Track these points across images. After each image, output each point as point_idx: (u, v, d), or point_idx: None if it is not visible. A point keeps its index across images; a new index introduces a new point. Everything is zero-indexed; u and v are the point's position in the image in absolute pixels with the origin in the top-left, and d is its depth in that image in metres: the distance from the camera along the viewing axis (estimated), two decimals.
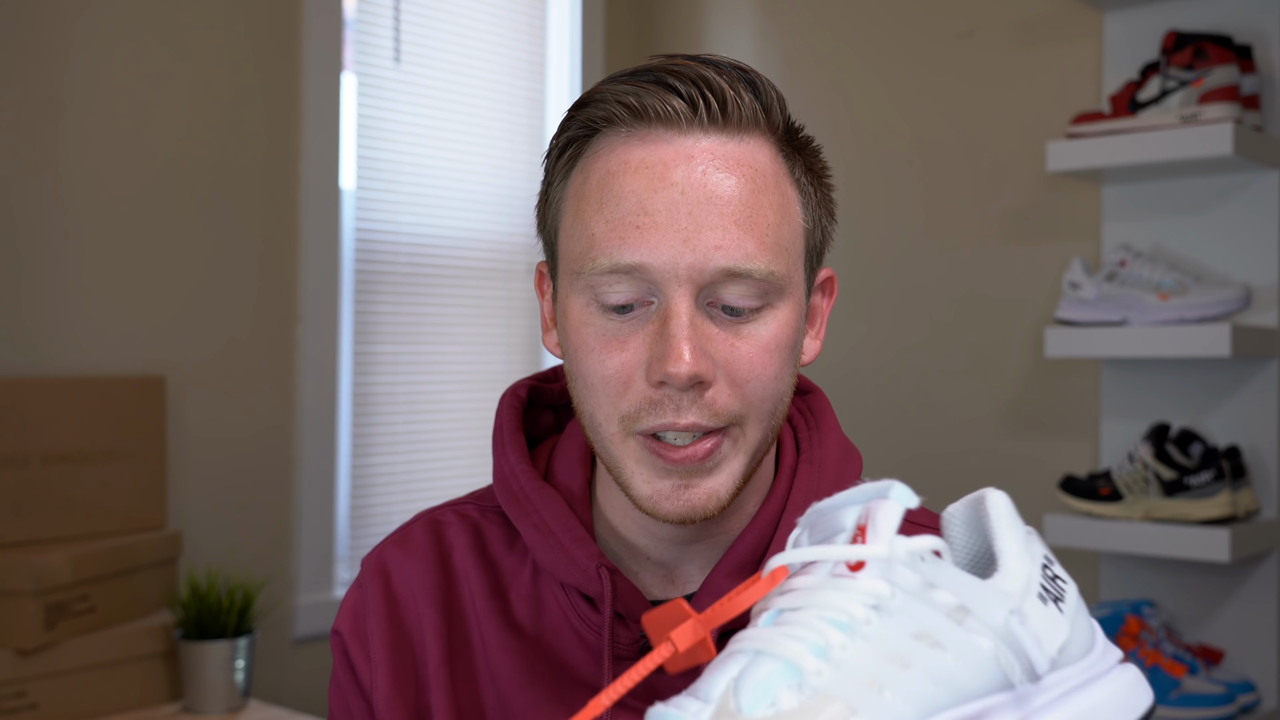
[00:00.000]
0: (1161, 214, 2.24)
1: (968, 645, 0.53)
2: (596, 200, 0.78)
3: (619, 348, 0.77)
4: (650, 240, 0.75)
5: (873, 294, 2.69)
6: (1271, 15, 2.13)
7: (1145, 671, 2.03)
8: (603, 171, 0.78)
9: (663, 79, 0.77)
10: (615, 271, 0.76)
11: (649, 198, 0.76)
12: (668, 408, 0.76)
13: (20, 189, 2.03)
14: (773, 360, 0.78)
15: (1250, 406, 2.14)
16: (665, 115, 0.76)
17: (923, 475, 2.56)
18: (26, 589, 1.70)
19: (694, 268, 0.75)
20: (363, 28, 2.57)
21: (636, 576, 0.86)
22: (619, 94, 0.77)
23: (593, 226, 0.77)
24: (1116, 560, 2.27)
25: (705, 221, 0.75)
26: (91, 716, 1.80)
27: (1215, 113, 1.99)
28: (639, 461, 0.78)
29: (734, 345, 0.77)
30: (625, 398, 0.77)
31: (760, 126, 0.79)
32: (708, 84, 0.77)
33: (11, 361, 2.01)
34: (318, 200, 2.44)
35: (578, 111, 0.80)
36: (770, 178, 0.79)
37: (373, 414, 2.59)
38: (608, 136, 0.79)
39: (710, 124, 0.77)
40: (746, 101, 0.78)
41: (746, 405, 0.78)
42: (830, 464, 0.87)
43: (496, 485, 0.89)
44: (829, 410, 0.92)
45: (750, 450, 0.80)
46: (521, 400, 0.92)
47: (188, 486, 2.23)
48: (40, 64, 2.05)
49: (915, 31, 2.65)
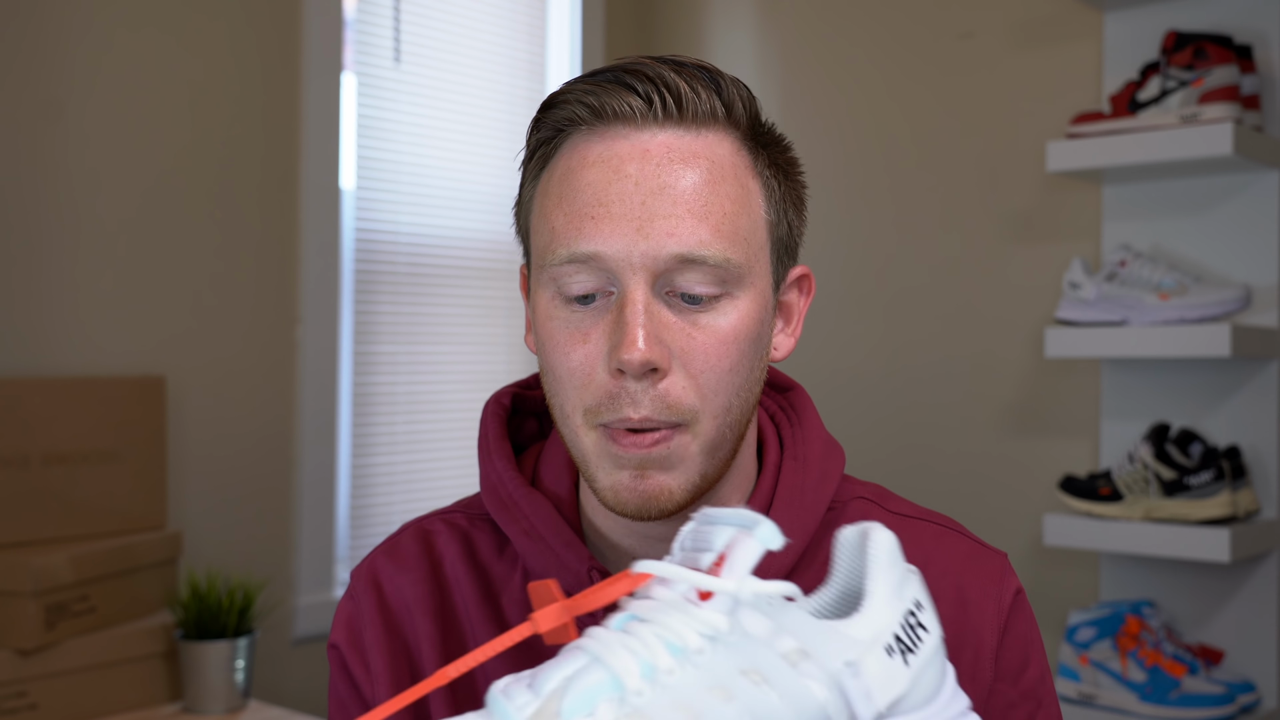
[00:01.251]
0: (1161, 214, 2.24)
1: (798, 688, 0.54)
2: (557, 195, 0.80)
3: (582, 340, 0.78)
4: (605, 229, 0.77)
5: (872, 294, 2.69)
6: (1271, 15, 2.13)
7: (1145, 672, 2.03)
8: (564, 168, 0.80)
9: (620, 78, 0.79)
10: (573, 261, 0.77)
11: (604, 190, 0.77)
12: (624, 401, 0.77)
13: (19, 190, 2.03)
14: (729, 352, 0.78)
15: (1250, 407, 2.14)
16: (622, 113, 0.78)
17: (923, 475, 2.56)
18: (27, 589, 1.70)
19: (647, 255, 0.76)
20: (363, 28, 2.57)
21: None
22: (579, 94, 0.79)
23: (553, 220, 0.79)
24: (1116, 560, 2.27)
25: (659, 210, 0.77)
26: (92, 716, 1.80)
27: (1215, 113, 1.99)
28: (600, 454, 0.79)
29: (690, 334, 0.78)
30: (588, 390, 0.78)
31: (720, 121, 0.80)
32: (664, 81, 0.78)
33: (12, 362, 2.01)
34: (318, 200, 2.44)
35: (544, 114, 0.82)
36: (729, 169, 0.80)
37: (373, 414, 2.59)
38: (571, 136, 0.81)
39: (666, 119, 0.79)
40: (704, 97, 0.79)
41: (701, 398, 0.78)
42: (814, 460, 0.88)
43: (485, 493, 0.89)
44: (810, 407, 0.92)
45: (707, 448, 0.79)
46: (505, 408, 0.93)
47: (188, 487, 2.23)
48: (40, 64, 2.05)
49: (915, 31, 2.65)
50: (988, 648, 0.85)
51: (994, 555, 0.89)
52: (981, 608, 0.86)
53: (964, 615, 0.85)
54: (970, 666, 0.84)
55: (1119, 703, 2.05)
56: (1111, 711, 2.05)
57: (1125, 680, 2.05)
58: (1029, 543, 2.40)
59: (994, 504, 2.47)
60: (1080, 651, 2.10)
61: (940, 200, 2.61)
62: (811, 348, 2.64)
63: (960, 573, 0.87)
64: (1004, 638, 0.86)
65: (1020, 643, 0.87)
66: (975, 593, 0.86)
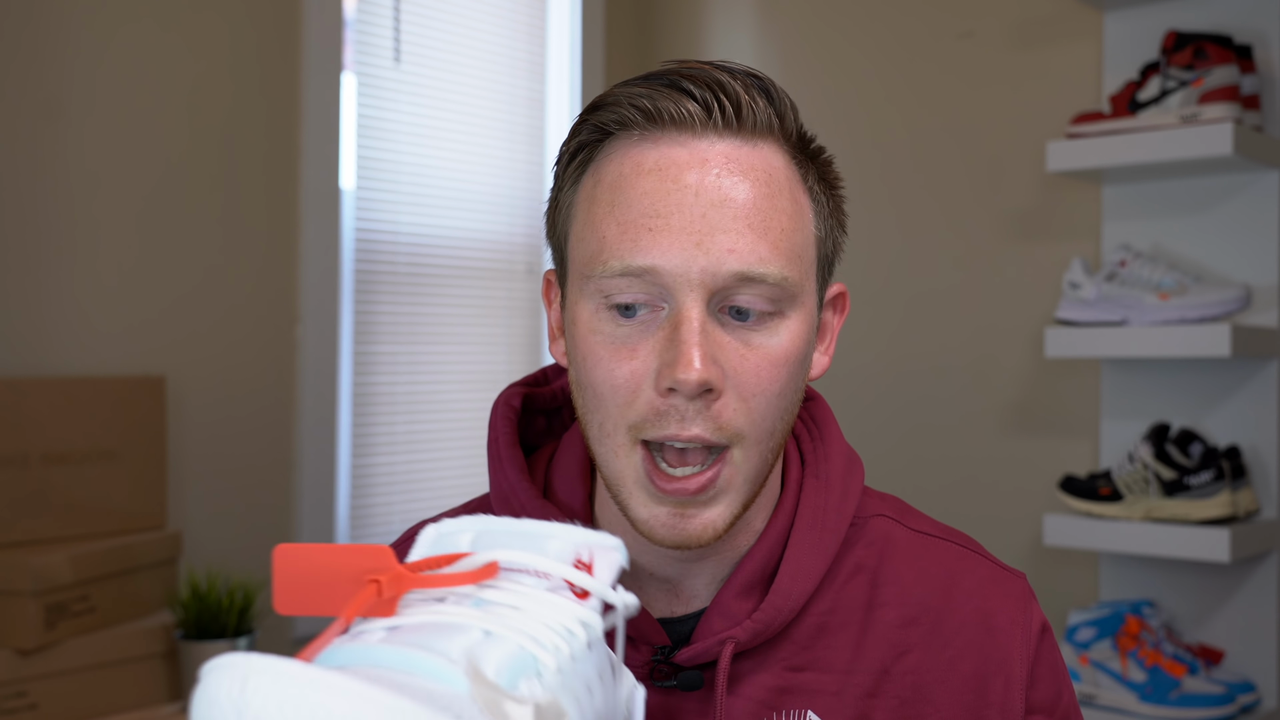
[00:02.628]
0: (1161, 214, 2.24)
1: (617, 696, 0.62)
2: (608, 203, 0.76)
3: (629, 356, 0.75)
4: (663, 243, 0.74)
5: (873, 293, 2.68)
6: (1271, 15, 2.13)
7: (1145, 672, 2.03)
8: (615, 174, 0.77)
9: (677, 82, 0.76)
10: (626, 274, 0.74)
11: (661, 200, 0.74)
12: (672, 419, 0.74)
13: (19, 189, 2.03)
14: (780, 374, 0.76)
15: (1250, 406, 2.14)
16: (679, 118, 0.75)
17: (923, 475, 2.56)
18: (26, 589, 1.70)
19: (706, 271, 0.73)
20: (363, 28, 2.57)
21: (641, 593, 0.84)
22: (633, 97, 0.76)
23: (604, 229, 0.76)
24: (1116, 560, 2.27)
25: (718, 225, 0.74)
26: (91, 716, 1.79)
27: (1215, 113, 1.99)
28: (637, 483, 0.77)
29: (744, 355, 0.75)
30: (633, 406, 0.75)
31: (774, 133, 0.78)
32: (722, 88, 0.76)
33: (11, 361, 2.01)
34: (318, 200, 2.43)
35: (590, 115, 0.79)
36: (784, 183, 0.78)
37: (373, 414, 2.59)
38: (620, 140, 0.78)
39: (724, 128, 0.76)
40: (761, 106, 0.77)
41: (750, 422, 0.76)
42: (836, 477, 0.86)
43: (495, 501, 0.87)
44: (831, 419, 0.90)
45: (749, 477, 0.78)
46: (516, 410, 0.90)
47: (188, 486, 2.22)
48: (40, 64, 2.05)
49: (915, 31, 2.65)
50: (1018, 679, 0.84)
51: (1015, 579, 0.88)
52: (1010, 635, 0.85)
53: (991, 641, 0.84)
54: (1001, 696, 0.83)
55: (1119, 703, 2.05)
56: (1111, 711, 2.05)
57: (1125, 680, 2.05)
58: (1029, 542, 2.40)
59: (994, 504, 2.47)
60: (1080, 651, 2.10)
61: (940, 200, 2.60)
62: None
63: (985, 597, 0.86)
64: (1035, 668, 0.85)
65: (1051, 674, 0.87)
66: (1002, 620, 0.85)
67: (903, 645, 0.83)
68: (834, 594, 0.84)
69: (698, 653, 0.80)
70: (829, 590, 0.84)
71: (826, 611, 0.83)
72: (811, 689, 0.81)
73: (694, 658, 0.80)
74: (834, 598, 0.84)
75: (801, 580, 0.82)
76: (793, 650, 0.82)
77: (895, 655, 0.83)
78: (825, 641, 0.82)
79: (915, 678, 0.82)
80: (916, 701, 0.82)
